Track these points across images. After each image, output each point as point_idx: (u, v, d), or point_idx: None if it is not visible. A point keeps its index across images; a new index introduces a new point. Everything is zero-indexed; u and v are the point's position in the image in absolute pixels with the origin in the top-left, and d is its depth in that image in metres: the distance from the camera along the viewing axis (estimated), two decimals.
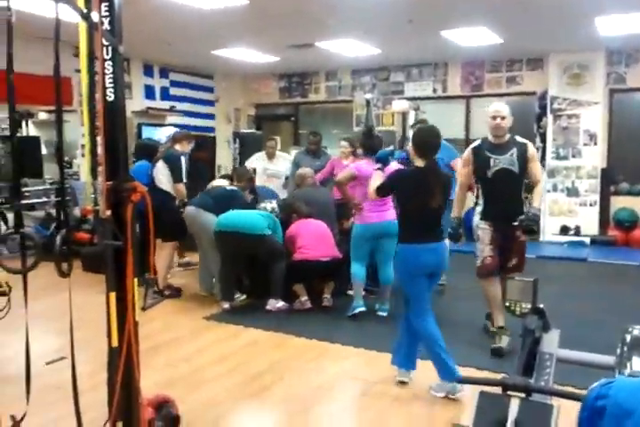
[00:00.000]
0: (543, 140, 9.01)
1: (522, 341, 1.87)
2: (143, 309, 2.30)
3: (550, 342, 1.89)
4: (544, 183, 4.22)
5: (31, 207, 7.63)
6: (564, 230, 8.82)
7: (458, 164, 5.21)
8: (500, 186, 4.14)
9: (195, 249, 5.91)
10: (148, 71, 9.76)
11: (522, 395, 1.62)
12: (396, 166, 4.33)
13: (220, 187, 5.66)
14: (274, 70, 10.73)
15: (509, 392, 1.63)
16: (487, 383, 1.81)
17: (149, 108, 9.52)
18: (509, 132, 4.21)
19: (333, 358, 4.10)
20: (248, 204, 5.58)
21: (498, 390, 1.66)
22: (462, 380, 1.81)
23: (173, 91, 10.25)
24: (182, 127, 9.88)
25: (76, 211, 7.37)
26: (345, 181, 4.90)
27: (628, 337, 1.74)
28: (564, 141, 8.83)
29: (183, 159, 5.65)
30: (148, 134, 9.31)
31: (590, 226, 8.71)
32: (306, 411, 3.22)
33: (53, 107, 2.32)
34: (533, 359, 1.84)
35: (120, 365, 2.19)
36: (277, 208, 5.69)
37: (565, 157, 8.84)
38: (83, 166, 8.35)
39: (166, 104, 9.99)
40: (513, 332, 3.87)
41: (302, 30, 7.35)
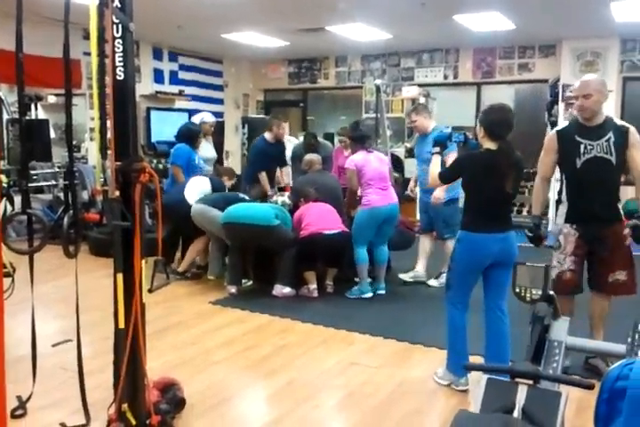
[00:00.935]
0: (554, 128, 8.90)
1: (531, 328, 1.85)
2: (150, 291, 2.29)
3: (559, 330, 1.87)
4: None
5: (39, 190, 7.65)
6: None
7: (450, 159, 5.07)
8: (593, 179, 3.37)
9: None
10: (157, 55, 9.69)
11: (530, 382, 1.60)
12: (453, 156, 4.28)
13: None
14: (283, 55, 10.64)
15: (517, 379, 1.62)
16: (495, 370, 1.80)
17: (158, 91, 9.47)
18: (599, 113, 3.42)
19: (338, 343, 4.10)
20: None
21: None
22: (469, 367, 1.80)
23: (182, 75, 10.19)
24: (190, 112, 9.90)
25: (84, 194, 7.38)
26: (357, 185, 5.09)
27: None
28: None
29: None
30: (157, 119, 9.30)
31: None
32: (310, 396, 3.22)
33: (62, 90, 2.30)
34: (542, 347, 1.83)
35: (126, 346, 2.19)
36: (288, 201, 5.73)
37: None
38: (90, 149, 8.35)
39: (175, 88, 9.93)
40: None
41: (313, 14, 7.27)
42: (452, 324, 3.30)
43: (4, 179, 2.67)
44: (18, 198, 2.90)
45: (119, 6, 2.22)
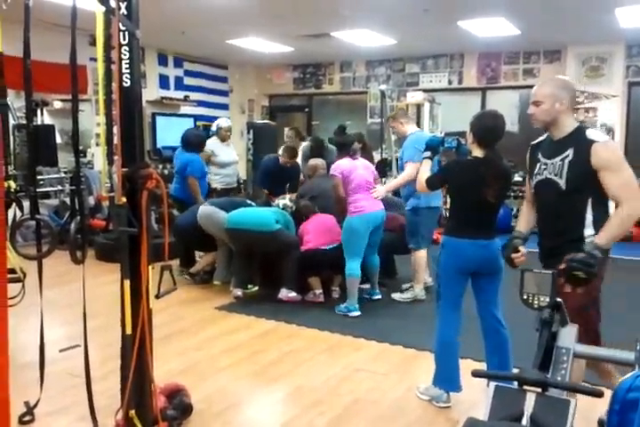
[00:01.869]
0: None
1: (538, 335, 1.84)
2: (157, 296, 2.29)
3: (567, 337, 1.86)
4: (631, 208, 2.48)
5: (45, 195, 7.67)
6: None
7: (409, 168, 4.94)
8: (543, 205, 2.78)
9: None
10: (163, 60, 9.74)
11: (538, 390, 1.59)
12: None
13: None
14: (288, 61, 10.68)
15: (525, 387, 1.61)
16: (503, 378, 1.79)
17: (164, 97, 9.51)
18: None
19: (345, 350, 4.09)
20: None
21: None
22: (477, 374, 1.78)
23: (187, 80, 10.23)
24: (196, 117, 9.93)
25: (90, 199, 7.41)
26: (342, 192, 4.90)
27: None
28: None
29: None
30: (162, 124, 9.33)
31: None
32: (317, 402, 3.21)
33: (68, 95, 2.31)
34: (550, 354, 1.82)
35: (134, 352, 2.19)
36: (289, 203, 5.72)
37: None
38: (97, 155, 8.38)
39: (181, 94, 9.98)
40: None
41: (318, 20, 7.30)
42: (442, 338, 3.21)
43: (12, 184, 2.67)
44: (26, 203, 2.92)
45: (126, 14, 2.24)
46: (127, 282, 2.21)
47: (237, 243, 5.27)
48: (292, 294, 5.12)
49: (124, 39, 2.23)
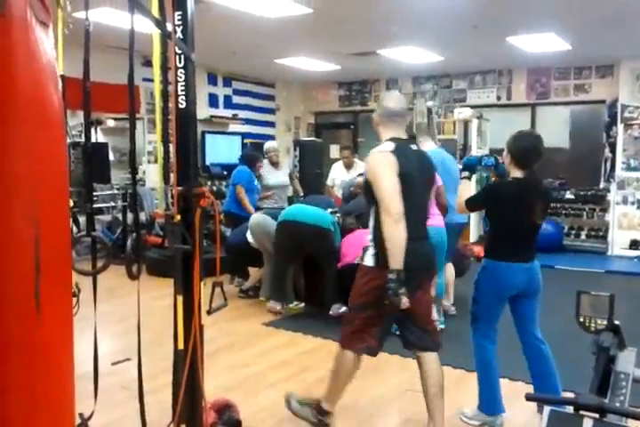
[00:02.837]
0: (613, 150, 8.67)
1: (595, 359, 1.79)
2: (208, 312, 2.33)
3: (626, 361, 1.80)
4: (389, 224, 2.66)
5: (99, 211, 7.91)
6: (635, 244, 8.46)
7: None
8: None
9: None
10: (212, 80, 9.97)
11: (595, 415, 1.55)
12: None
13: None
14: (334, 78, 10.77)
15: (582, 412, 1.56)
16: (559, 402, 1.74)
17: (213, 116, 9.71)
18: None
19: (393, 368, 4.04)
20: None
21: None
22: (531, 398, 1.74)
23: (236, 99, 10.44)
24: (243, 135, 10.10)
25: (142, 216, 7.60)
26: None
27: None
28: (635, 152, 8.48)
29: None
30: (211, 142, 9.52)
31: None
32: (365, 422, 3.18)
33: (121, 114, 2.39)
34: (607, 378, 1.76)
35: (185, 367, 2.22)
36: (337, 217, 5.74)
37: (636, 169, 8.49)
38: (148, 172, 8.60)
39: (229, 112, 10.17)
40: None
41: (365, 38, 7.35)
42: (482, 358, 3.16)
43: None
44: (81, 218, 3.01)
45: (181, 37, 2.31)
46: (180, 298, 2.25)
47: (283, 237, 5.20)
48: (343, 309, 5.10)
49: (180, 62, 2.30)
